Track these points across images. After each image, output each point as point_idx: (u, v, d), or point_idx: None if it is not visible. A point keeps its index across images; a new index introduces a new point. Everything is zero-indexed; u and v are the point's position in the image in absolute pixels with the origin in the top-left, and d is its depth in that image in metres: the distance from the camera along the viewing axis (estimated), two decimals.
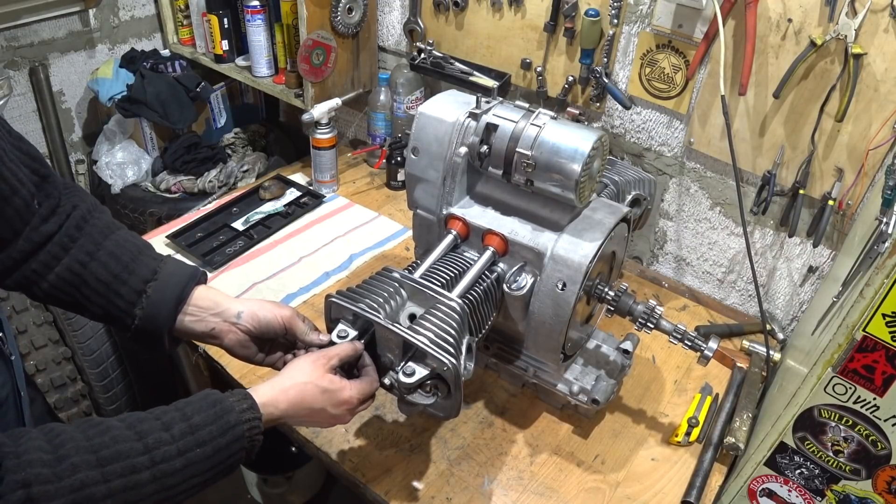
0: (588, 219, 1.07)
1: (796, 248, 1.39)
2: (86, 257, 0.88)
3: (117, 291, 0.88)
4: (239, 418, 0.77)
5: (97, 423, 0.71)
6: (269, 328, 0.95)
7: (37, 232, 0.85)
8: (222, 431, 0.75)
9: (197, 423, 0.74)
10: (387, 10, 1.81)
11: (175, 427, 0.73)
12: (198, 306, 0.93)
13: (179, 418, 0.74)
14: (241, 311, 0.94)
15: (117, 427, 0.71)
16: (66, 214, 0.88)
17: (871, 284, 0.79)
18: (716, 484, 1.12)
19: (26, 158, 0.84)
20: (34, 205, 0.84)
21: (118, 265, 0.89)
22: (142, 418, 0.73)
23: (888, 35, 1.10)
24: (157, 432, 0.71)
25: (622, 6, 1.38)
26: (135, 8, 2.09)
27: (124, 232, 0.94)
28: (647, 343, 1.37)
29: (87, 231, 0.89)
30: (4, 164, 0.79)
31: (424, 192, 1.15)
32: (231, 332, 0.94)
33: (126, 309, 0.89)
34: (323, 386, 0.86)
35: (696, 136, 1.41)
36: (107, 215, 0.94)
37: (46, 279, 0.87)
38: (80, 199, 0.91)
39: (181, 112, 1.98)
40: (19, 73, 1.91)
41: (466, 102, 1.12)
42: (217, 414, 0.76)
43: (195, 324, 0.93)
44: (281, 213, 1.72)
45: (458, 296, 0.99)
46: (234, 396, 0.79)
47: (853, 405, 0.87)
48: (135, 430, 0.71)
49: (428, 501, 1.07)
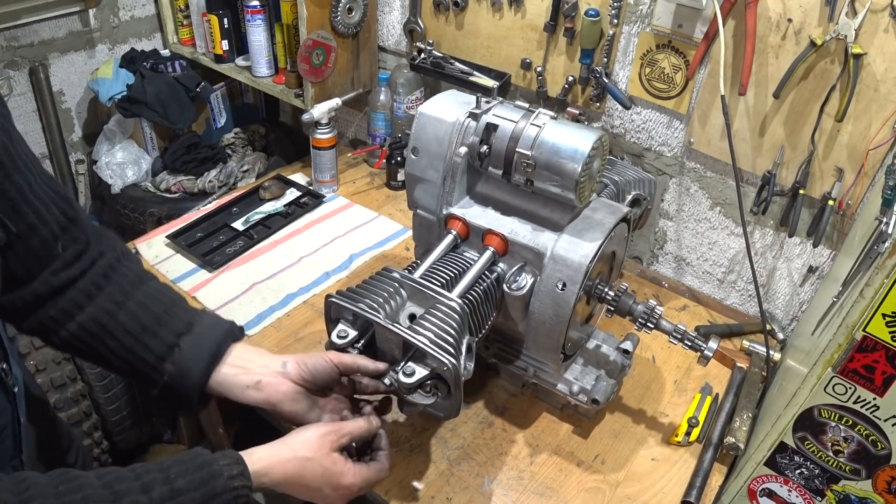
0: (588, 219, 1.07)
1: (796, 248, 1.39)
2: (113, 307, 0.83)
3: (146, 344, 0.83)
4: (226, 485, 0.71)
5: (72, 478, 0.66)
6: (318, 373, 0.89)
7: (57, 276, 0.80)
8: (205, 499, 0.70)
9: (179, 488, 0.69)
10: (387, 10, 1.81)
11: (155, 490, 0.68)
12: (237, 361, 0.87)
13: (161, 480, 0.69)
14: (285, 360, 0.89)
15: (92, 485, 0.66)
16: (92, 261, 0.83)
17: (871, 284, 0.79)
18: (716, 484, 1.12)
19: (56, 197, 0.80)
20: (57, 248, 0.80)
21: (149, 317, 0.84)
22: (121, 477, 0.68)
23: (888, 35, 1.10)
24: (135, 494, 0.67)
25: (622, 6, 1.38)
26: (135, 8, 2.09)
27: (156, 283, 0.89)
28: (647, 343, 1.37)
29: (115, 280, 0.85)
30: (27, 199, 0.75)
31: (424, 192, 1.15)
32: (280, 383, 0.87)
33: (154, 364, 0.84)
34: (326, 466, 0.81)
35: (696, 136, 1.41)
36: (137, 265, 0.90)
37: (66, 327, 0.82)
38: (109, 245, 0.87)
39: (181, 112, 1.98)
40: (19, 73, 1.91)
41: (466, 102, 1.12)
42: (203, 479, 0.70)
43: (237, 377, 0.87)
44: (281, 213, 1.72)
45: (458, 296, 0.99)
46: (225, 459, 0.74)
47: (853, 405, 0.87)
48: (111, 490, 0.66)
49: (428, 501, 1.07)
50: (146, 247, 1.58)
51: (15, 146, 0.75)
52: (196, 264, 1.53)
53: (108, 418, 1.69)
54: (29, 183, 0.76)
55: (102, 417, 1.69)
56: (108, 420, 1.69)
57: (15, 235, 0.74)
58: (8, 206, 0.73)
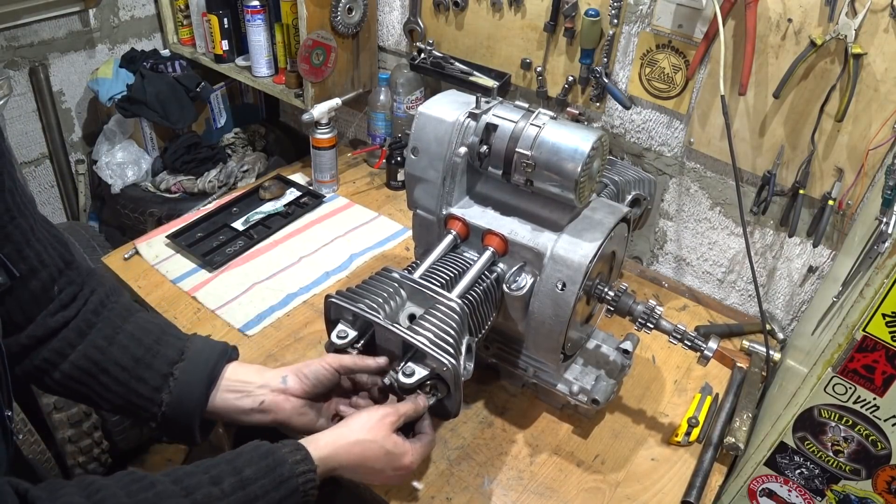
0: (588, 219, 1.07)
1: (796, 248, 1.39)
2: (104, 342, 0.82)
3: (140, 377, 0.82)
4: (293, 470, 0.73)
5: (140, 477, 0.66)
6: (319, 380, 0.90)
7: (53, 318, 0.79)
8: (275, 485, 0.71)
9: (248, 477, 0.70)
10: (387, 10, 1.81)
11: (225, 481, 0.68)
12: (235, 384, 0.87)
13: (229, 472, 0.70)
14: (284, 375, 0.89)
15: (162, 482, 0.66)
16: (85, 300, 0.83)
17: (871, 284, 0.79)
18: (716, 484, 1.12)
19: (54, 240, 0.80)
20: (54, 290, 0.80)
21: (140, 348, 0.83)
22: (188, 472, 0.69)
23: (888, 35, 1.10)
24: (206, 487, 0.67)
25: (622, 6, 1.38)
26: (135, 8, 2.10)
27: (144, 314, 0.89)
28: (647, 343, 1.37)
29: (104, 316, 0.84)
30: (30, 241, 0.75)
31: (424, 192, 1.15)
32: (283, 401, 0.87)
33: (150, 396, 0.83)
34: (388, 448, 0.83)
35: (696, 136, 1.41)
36: (125, 298, 0.89)
37: (59, 368, 0.81)
38: (99, 283, 0.86)
39: (181, 112, 1.98)
40: (19, 73, 1.92)
41: (466, 102, 1.12)
42: (269, 467, 0.72)
43: (239, 401, 0.86)
44: (281, 213, 1.72)
45: (458, 296, 0.99)
46: (286, 447, 0.75)
47: (853, 405, 0.87)
48: (181, 486, 0.66)
49: (428, 501, 1.07)
50: (146, 247, 1.58)
51: (18, 190, 0.75)
52: (196, 264, 1.53)
53: (108, 418, 1.69)
54: (31, 226, 0.76)
55: (102, 417, 1.69)
56: (108, 420, 1.70)
57: (17, 279, 0.74)
58: (12, 249, 0.74)
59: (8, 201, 0.73)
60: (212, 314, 1.40)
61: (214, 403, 0.86)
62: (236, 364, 0.90)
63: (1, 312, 0.75)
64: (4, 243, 0.73)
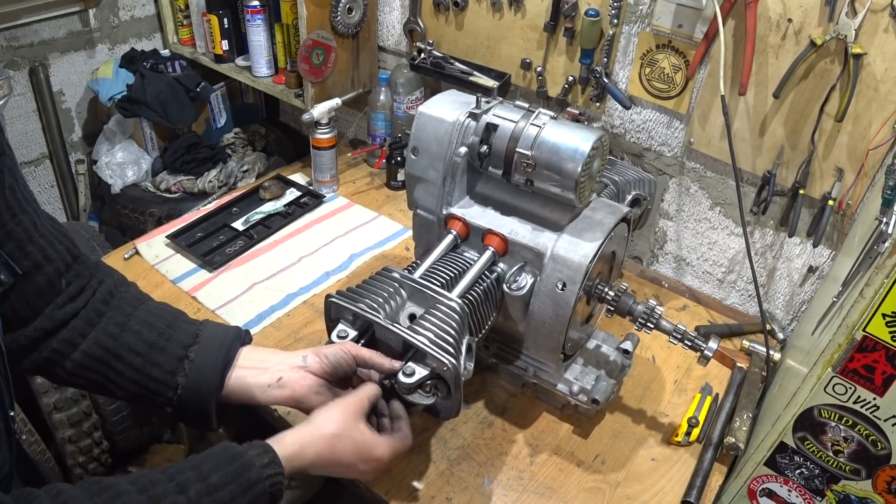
0: (588, 219, 1.07)
1: (796, 248, 1.39)
2: (116, 329, 0.81)
3: (154, 361, 0.82)
4: (260, 475, 0.72)
5: (106, 486, 0.66)
6: (339, 363, 0.88)
7: (62, 310, 0.79)
8: (242, 491, 0.70)
9: (215, 484, 0.69)
10: (387, 10, 1.81)
11: (191, 489, 0.67)
12: (252, 362, 0.86)
13: (195, 478, 0.68)
14: (304, 354, 0.88)
15: (127, 492, 0.65)
16: (93, 290, 0.83)
17: (871, 284, 0.79)
18: (716, 484, 1.12)
19: (60, 236, 0.80)
20: (60, 284, 0.79)
21: (153, 333, 0.83)
22: (154, 480, 0.68)
23: (888, 35, 1.10)
24: (172, 496, 0.66)
25: (622, 6, 1.38)
26: (135, 8, 2.09)
27: (154, 302, 0.89)
28: (647, 343, 1.37)
29: (114, 304, 0.84)
30: (33, 238, 0.75)
31: (424, 192, 1.15)
32: (302, 377, 0.86)
33: (165, 380, 0.82)
34: (356, 439, 0.81)
35: (696, 136, 1.41)
36: (134, 288, 0.89)
37: (71, 358, 0.80)
38: (107, 273, 0.86)
39: (181, 112, 1.98)
40: (19, 73, 1.91)
41: (466, 102, 1.12)
42: (236, 472, 0.71)
43: (256, 377, 0.85)
44: (281, 213, 1.72)
45: (458, 296, 0.99)
46: (254, 450, 0.74)
47: (853, 405, 0.87)
48: (147, 495, 0.65)
49: (428, 501, 1.07)
50: (146, 247, 1.58)
51: (20, 187, 0.75)
52: (196, 264, 1.53)
53: (108, 418, 1.69)
54: (34, 222, 0.76)
55: (102, 417, 1.69)
56: (108, 420, 1.69)
57: (20, 276, 0.74)
58: (14, 247, 0.74)
59: (9, 198, 0.73)
60: (212, 314, 1.40)
61: (230, 384, 0.85)
62: (252, 347, 0.90)
63: (5, 309, 0.74)
64: (6, 240, 0.73)
